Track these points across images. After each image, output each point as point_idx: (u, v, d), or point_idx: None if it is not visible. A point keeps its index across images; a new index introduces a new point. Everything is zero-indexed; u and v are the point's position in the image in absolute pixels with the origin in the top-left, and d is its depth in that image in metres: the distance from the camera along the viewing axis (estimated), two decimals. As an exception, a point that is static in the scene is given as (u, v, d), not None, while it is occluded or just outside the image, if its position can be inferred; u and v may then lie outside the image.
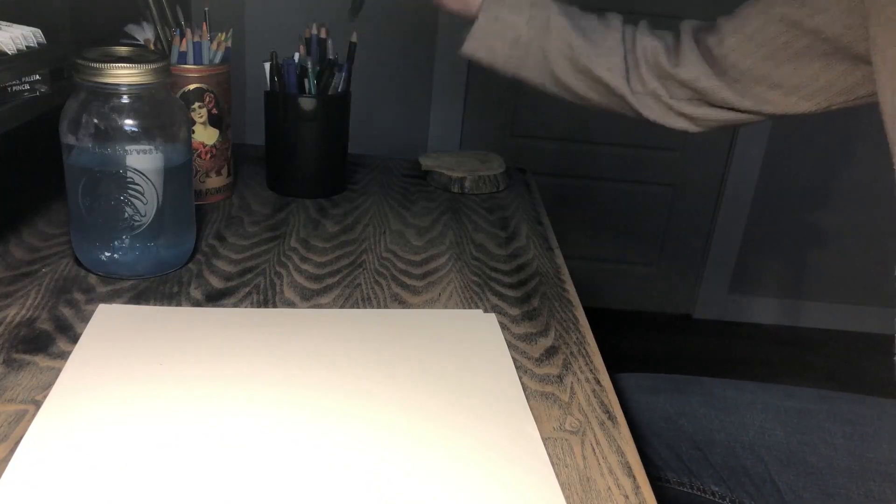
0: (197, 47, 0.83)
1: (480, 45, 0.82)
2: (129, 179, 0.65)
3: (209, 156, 0.86)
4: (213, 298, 0.67)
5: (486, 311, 0.68)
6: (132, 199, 0.66)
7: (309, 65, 0.89)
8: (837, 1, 0.69)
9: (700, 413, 0.78)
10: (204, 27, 0.84)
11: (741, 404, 0.78)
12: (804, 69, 0.74)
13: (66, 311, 0.63)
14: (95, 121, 0.64)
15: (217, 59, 0.85)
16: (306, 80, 0.91)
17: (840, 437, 0.73)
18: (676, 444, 0.78)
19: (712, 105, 0.81)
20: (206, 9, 0.86)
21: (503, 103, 2.30)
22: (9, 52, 0.69)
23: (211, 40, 0.84)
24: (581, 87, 0.84)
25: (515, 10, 0.81)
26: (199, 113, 0.83)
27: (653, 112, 0.84)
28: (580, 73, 0.82)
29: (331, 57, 0.91)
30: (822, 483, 0.71)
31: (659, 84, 0.82)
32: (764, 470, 0.74)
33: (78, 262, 0.70)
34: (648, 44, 0.82)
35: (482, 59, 0.83)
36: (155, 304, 0.65)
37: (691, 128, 0.84)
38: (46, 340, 0.58)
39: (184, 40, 0.82)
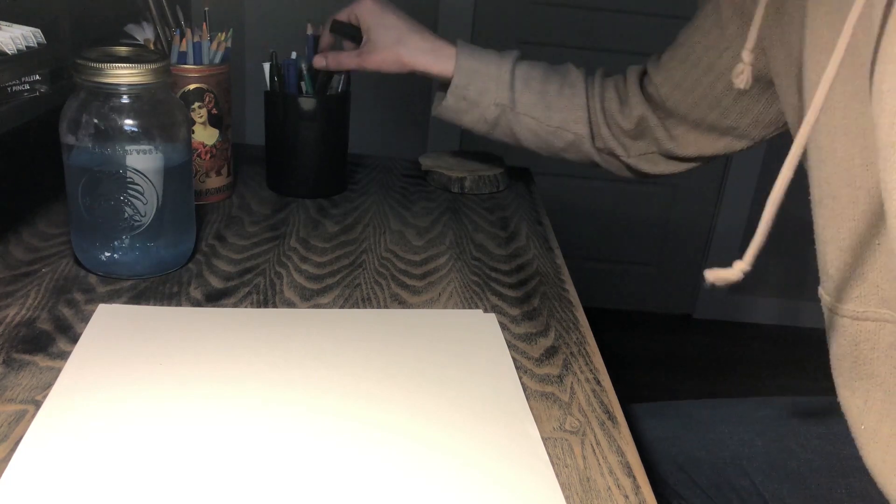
0: (197, 47, 0.83)
1: (450, 116, 0.88)
2: (129, 179, 0.65)
3: (209, 156, 0.86)
4: (213, 298, 0.67)
5: (486, 311, 0.68)
6: (132, 199, 0.66)
7: (304, 66, 0.89)
8: (737, 36, 0.71)
9: (680, 435, 0.79)
10: (204, 27, 0.84)
11: (718, 421, 0.79)
12: (731, 110, 0.76)
13: (66, 311, 0.63)
14: (95, 121, 0.64)
15: (217, 60, 0.85)
16: (304, 80, 0.90)
17: (815, 438, 0.74)
18: (661, 469, 0.78)
19: (663, 156, 0.84)
20: (206, 9, 0.86)
21: (503, 103, 2.29)
22: (9, 52, 0.69)
23: (211, 40, 0.84)
24: (549, 151, 0.90)
25: (482, 92, 0.84)
26: (199, 113, 0.83)
27: (612, 167, 0.89)
28: (546, 143, 0.88)
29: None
30: (804, 486, 0.72)
31: (616, 143, 0.86)
32: (749, 483, 0.74)
33: (78, 262, 0.70)
34: (606, 101, 0.85)
35: (453, 122, 0.89)
36: (155, 304, 0.65)
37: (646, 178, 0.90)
38: (46, 340, 0.58)
39: (184, 40, 0.82)
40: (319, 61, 0.87)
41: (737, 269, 0.53)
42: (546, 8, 2.18)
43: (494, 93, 0.84)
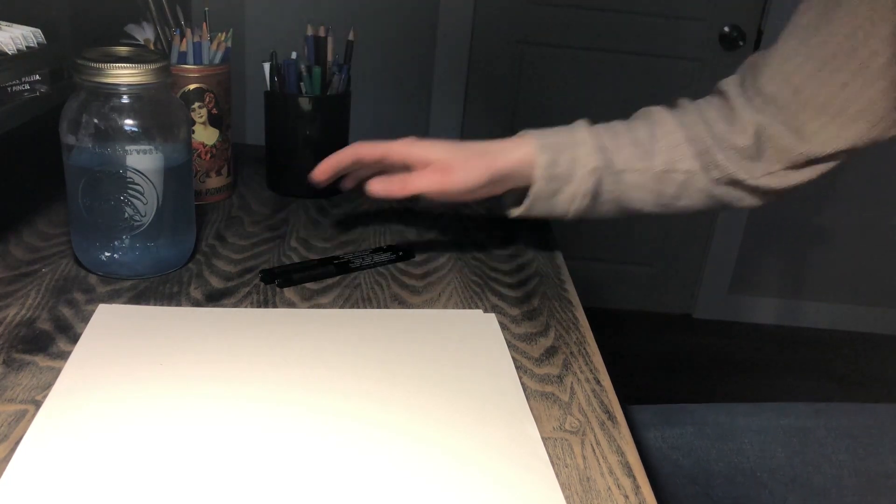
0: (197, 47, 0.83)
1: (541, 207, 0.73)
2: (129, 179, 0.65)
3: (209, 156, 0.86)
4: (213, 298, 0.67)
5: (486, 311, 0.68)
6: (132, 199, 0.66)
7: (303, 67, 0.89)
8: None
9: (695, 445, 0.74)
10: (204, 27, 0.84)
11: (736, 429, 0.74)
12: (871, 85, 0.67)
13: (66, 311, 0.63)
14: (95, 121, 0.64)
15: (216, 60, 0.85)
16: (304, 81, 0.90)
17: (843, 452, 0.71)
18: (672, 483, 0.75)
19: (791, 168, 0.72)
20: (206, 9, 0.86)
21: (503, 103, 2.30)
22: (9, 52, 0.69)
23: (211, 40, 0.84)
24: (662, 203, 0.76)
25: (573, 162, 0.71)
26: (199, 113, 0.83)
27: (734, 199, 0.76)
28: (657, 194, 0.75)
29: (330, 57, 0.91)
30: None
31: (738, 167, 0.73)
32: (769, 498, 0.71)
33: (78, 262, 0.70)
34: (712, 123, 0.74)
35: (546, 216, 0.76)
36: (155, 304, 0.65)
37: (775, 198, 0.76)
38: (46, 340, 0.58)
39: (184, 40, 0.82)
40: (378, 188, 0.70)
41: None
42: (546, 8, 2.19)
43: (586, 158, 0.71)
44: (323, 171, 0.72)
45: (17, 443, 0.46)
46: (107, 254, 0.67)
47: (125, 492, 0.43)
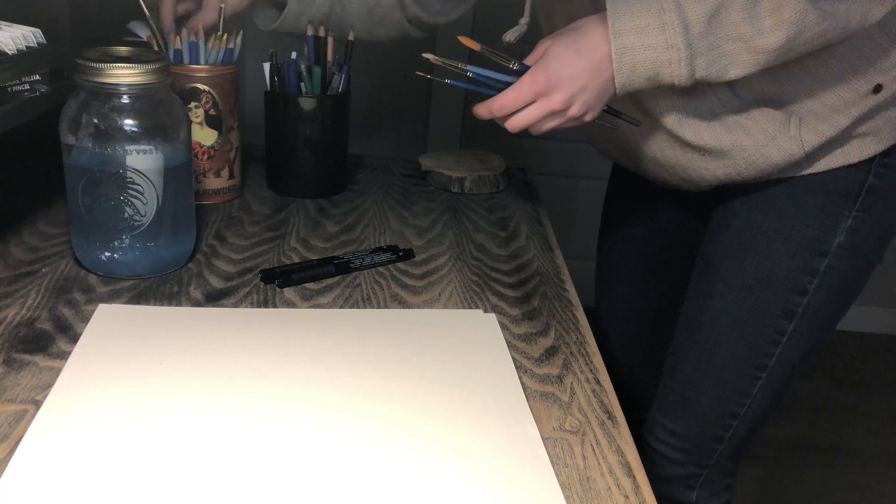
0: (193, 47, 0.83)
1: (290, 22, 0.90)
2: (129, 179, 0.65)
3: (206, 157, 0.86)
4: (213, 298, 0.67)
5: (486, 311, 0.68)
6: (132, 199, 0.66)
7: (303, 67, 0.89)
8: None
9: None
10: (199, 27, 0.83)
11: None
12: None
13: (66, 311, 0.63)
14: (95, 121, 0.64)
15: (212, 59, 0.84)
16: (304, 81, 0.90)
17: None
18: None
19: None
20: (222, 6, 0.86)
21: (503, 103, 2.29)
22: (9, 52, 0.69)
23: (207, 40, 0.84)
24: (370, 29, 0.94)
25: None
26: (196, 113, 0.83)
27: (416, 31, 0.94)
28: (367, 22, 0.93)
29: (330, 57, 0.91)
30: None
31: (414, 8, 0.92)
32: None
33: (78, 262, 0.70)
34: None
35: (292, 31, 0.92)
36: (155, 304, 0.65)
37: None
38: (46, 340, 0.58)
39: (177, 38, 0.82)
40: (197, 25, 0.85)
41: None
42: (546, 8, 2.19)
43: None
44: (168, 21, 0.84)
45: (17, 443, 0.46)
46: (107, 254, 0.67)
47: (125, 491, 0.43)
